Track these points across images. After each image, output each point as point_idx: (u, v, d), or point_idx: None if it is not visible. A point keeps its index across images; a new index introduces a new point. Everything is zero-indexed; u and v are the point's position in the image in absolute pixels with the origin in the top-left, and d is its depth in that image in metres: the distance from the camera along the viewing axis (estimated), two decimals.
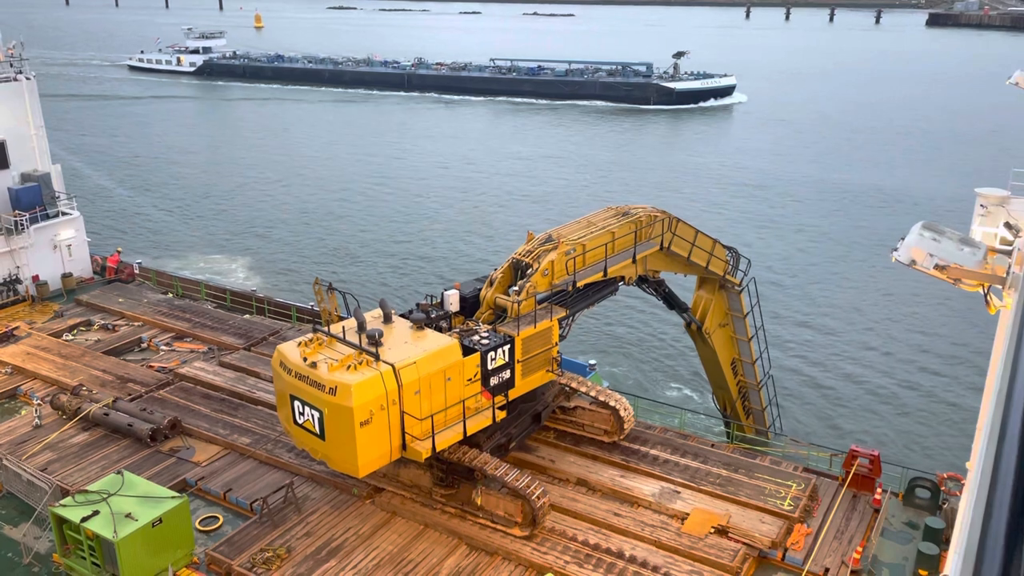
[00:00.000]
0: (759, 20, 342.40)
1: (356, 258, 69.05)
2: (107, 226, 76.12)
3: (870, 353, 51.92)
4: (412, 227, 76.64)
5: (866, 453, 25.28)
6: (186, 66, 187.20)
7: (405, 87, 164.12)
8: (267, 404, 30.03)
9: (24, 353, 34.92)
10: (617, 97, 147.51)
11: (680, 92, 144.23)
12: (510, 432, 25.96)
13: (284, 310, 40.99)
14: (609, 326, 54.28)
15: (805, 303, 59.21)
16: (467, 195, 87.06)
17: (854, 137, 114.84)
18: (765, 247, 69.12)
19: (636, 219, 28.10)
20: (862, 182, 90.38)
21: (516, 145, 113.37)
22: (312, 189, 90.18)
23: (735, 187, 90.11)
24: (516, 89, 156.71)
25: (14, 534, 24.26)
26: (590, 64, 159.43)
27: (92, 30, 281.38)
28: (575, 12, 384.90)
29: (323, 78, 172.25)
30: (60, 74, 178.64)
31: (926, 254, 14.42)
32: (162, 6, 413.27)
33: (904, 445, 41.68)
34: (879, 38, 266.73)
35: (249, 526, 23.69)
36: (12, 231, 40.27)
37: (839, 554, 22.31)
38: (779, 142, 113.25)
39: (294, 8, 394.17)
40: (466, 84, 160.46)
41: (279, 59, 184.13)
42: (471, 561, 22.44)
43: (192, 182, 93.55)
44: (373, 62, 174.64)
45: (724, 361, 33.69)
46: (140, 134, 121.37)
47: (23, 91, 41.32)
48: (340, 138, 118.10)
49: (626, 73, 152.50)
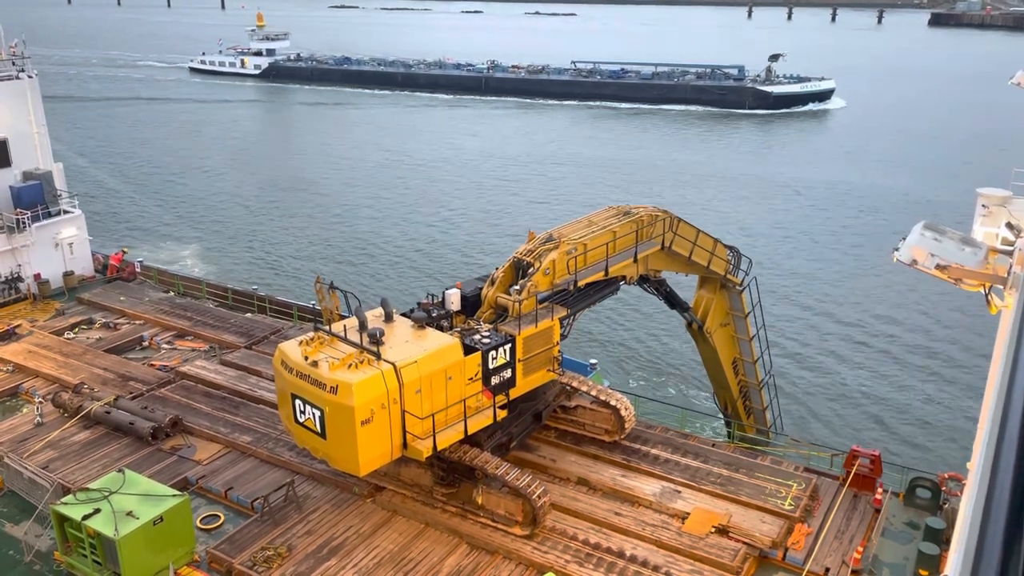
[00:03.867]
0: (761, 20, 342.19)
1: (373, 257, 69.03)
2: (119, 225, 76.24)
3: (871, 353, 51.90)
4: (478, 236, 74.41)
5: (867, 453, 25.27)
6: (250, 68, 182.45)
7: (482, 90, 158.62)
8: (268, 403, 30.05)
9: (26, 351, 34.96)
10: (709, 101, 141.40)
11: (778, 96, 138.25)
12: (511, 431, 25.97)
13: (285, 309, 41.00)
14: (610, 326, 54.28)
15: (806, 302, 59.18)
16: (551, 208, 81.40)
17: (979, 144, 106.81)
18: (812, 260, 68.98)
19: (637, 218, 28.10)
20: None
21: (600, 150, 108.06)
22: (368, 196, 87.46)
23: (833, 200, 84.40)
24: (599, 93, 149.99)
25: (15, 532, 24.28)
26: (675, 66, 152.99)
27: (137, 31, 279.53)
28: (576, 11, 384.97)
29: (396, 81, 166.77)
30: (126, 76, 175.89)
31: (927, 254, 14.42)
32: (164, 5, 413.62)
33: (905, 445, 41.67)
34: (932, 38, 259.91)
35: (250, 524, 23.71)
36: (14, 229, 40.30)
37: (840, 554, 22.30)
38: (891, 151, 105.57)
39: (297, 8, 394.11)
40: (546, 88, 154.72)
41: (347, 61, 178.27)
42: (472, 560, 22.45)
43: (226, 186, 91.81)
44: (446, 64, 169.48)
45: (725, 360, 33.69)
46: (190, 137, 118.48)
47: (25, 89, 41.34)
48: (409, 143, 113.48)
49: (717, 76, 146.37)
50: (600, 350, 50.50)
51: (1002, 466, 6.65)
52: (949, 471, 25.78)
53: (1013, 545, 5.71)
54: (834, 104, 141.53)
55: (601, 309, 39.68)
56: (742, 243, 37.48)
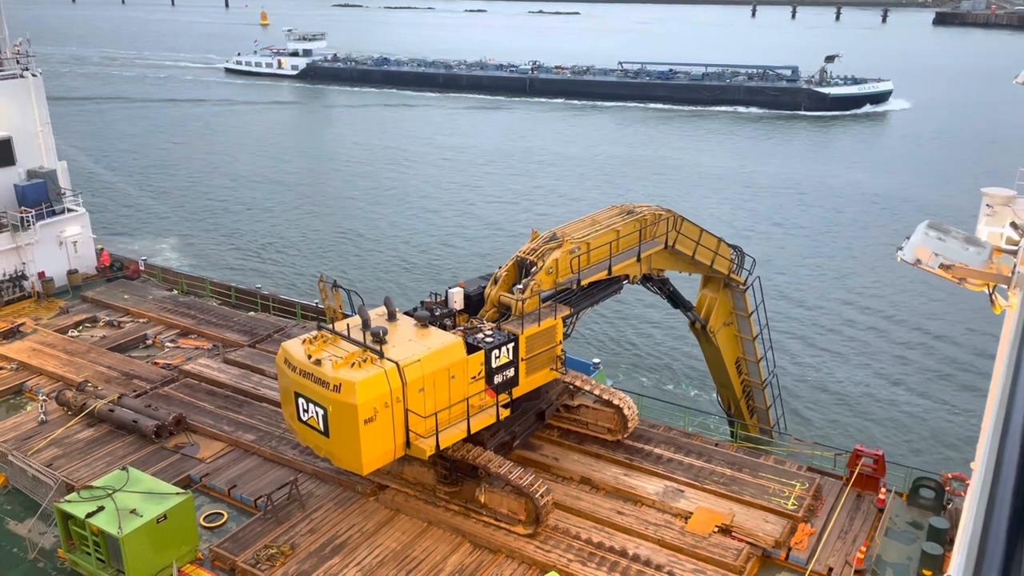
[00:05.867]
0: (764, 18, 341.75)
1: (383, 255, 69.07)
2: (123, 220, 76.40)
3: (875, 352, 51.83)
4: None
5: (870, 453, 25.22)
6: (288, 69, 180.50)
7: (527, 92, 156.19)
8: (271, 401, 30.08)
9: (30, 349, 35.04)
10: (764, 103, 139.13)
11: (834, 98, 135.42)
12: (514, 430, 25.96)
13: (289, 307, 41.05)
14: (614, 325, 54.27)
15: (808, 301, 59.11)
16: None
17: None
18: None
19: (641, 217, 28.09)
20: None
21: (659, 152, 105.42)
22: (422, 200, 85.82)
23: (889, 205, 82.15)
24: (647, 94, 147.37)
25: (19, 530, 24.33)
26: (725, 67, 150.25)
27: (154, 30, 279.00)
28: (580, 10, 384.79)
29: (437, 82, 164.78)
30: (169, 77, 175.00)
31: (931, 253, 14.40)
32: (167, 4, 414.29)
33: (909, 445, 41.62)
34: (940, 37, 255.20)
35: (253, 523, 23.74)
36: (18, 227, 40.39)
37: (843, 554, 22.27)
38: (969, 157, 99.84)
39: (299, 6, 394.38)
40: (592, 89, 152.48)
41: (385, 62, 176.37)
42: (474, 559, 22.46)
43: (245, 188, 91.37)
44: (487, 65, 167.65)
45: (728, 360, 33.67)
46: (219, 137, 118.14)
47: (29, 88, 41.42)
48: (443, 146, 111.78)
49: (769, 77, 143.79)
50: (603, 349, 50.51)
51: (1005, 466, 6.65)
52: (953, 471, 25.75)
53: (1016, 545, 5.71)
54: (894, 106, 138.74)
55: (604, 308, 39.66)
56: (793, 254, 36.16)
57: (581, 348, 47.93)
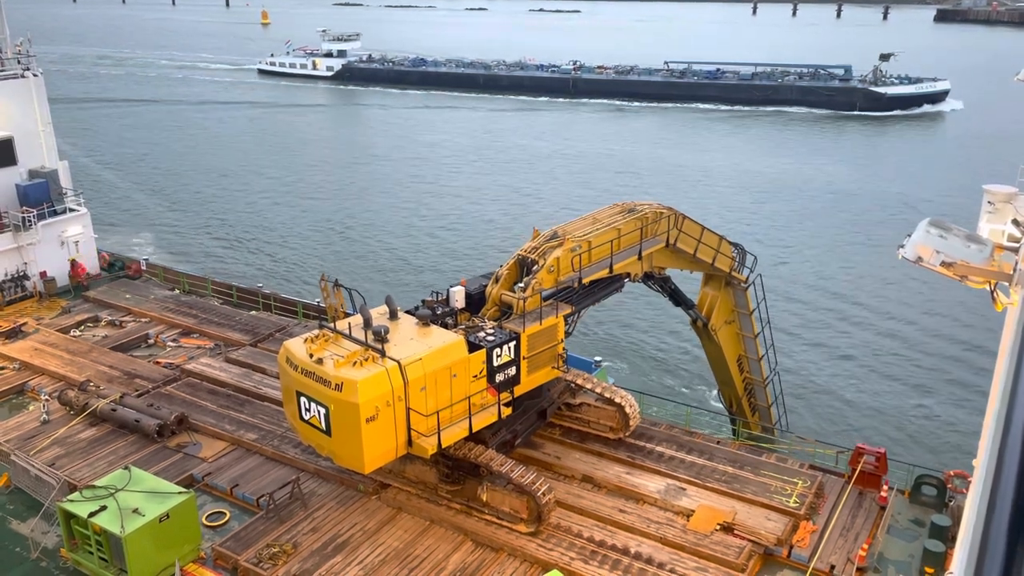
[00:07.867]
0: (765, 16, 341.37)
1: (390, 255, 69.04)
2: (126, 218, 76.45)
3: (876, 350, 51.80)
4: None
5: (872, 450, 25.22)
6: (323, 70, 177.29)
7: (569, 92, 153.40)
8: (273, 400, 30.10)
9: (32, 349, 35.08)
10: (817, 103, 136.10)
11: (891, 98, 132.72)
12: (516, 428, 25.97)
13: (290, 306, 41.08)
14: (615, 323, 54.26)
15: (810, 300, 59.07)
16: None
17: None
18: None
19: (642, 215, 28.09)
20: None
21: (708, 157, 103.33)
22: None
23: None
24: (695, 94, 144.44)
25: (22, 529, 24.37)
26: (775, 66, 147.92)
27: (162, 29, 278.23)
28: (580, 8, 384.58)
29: (477, 83, 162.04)
30: (201, 79, 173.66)
31: (933, 251, 14.39)
32: (168, 3, 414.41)
33: (910, 442, 41.60)
34: (941, 34, 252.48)
35: (255, 522, 23.77)
36: (20, 227, 40.41)
37: (845, 551, 22.27)
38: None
39: (299, 5, 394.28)
40: (637, 89, 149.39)
41: (422, 63, 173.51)
42: (476, 557, 22.48)
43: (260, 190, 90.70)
44: (527, 65, 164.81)
45: (730, 358, 33.66)
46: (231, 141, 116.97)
47: (30, 88, 41.43)
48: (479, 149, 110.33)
49: (822, 76, 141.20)
50: (605, 347, 50.50)
51: (1007, 463, 6.65)
52: (955, 468, 25.74)
53: (1018, 542, 5.71)
54: (949, 106, 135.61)
55: (606, 306, 39.61)
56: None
57: (582, 346, 47.91)
